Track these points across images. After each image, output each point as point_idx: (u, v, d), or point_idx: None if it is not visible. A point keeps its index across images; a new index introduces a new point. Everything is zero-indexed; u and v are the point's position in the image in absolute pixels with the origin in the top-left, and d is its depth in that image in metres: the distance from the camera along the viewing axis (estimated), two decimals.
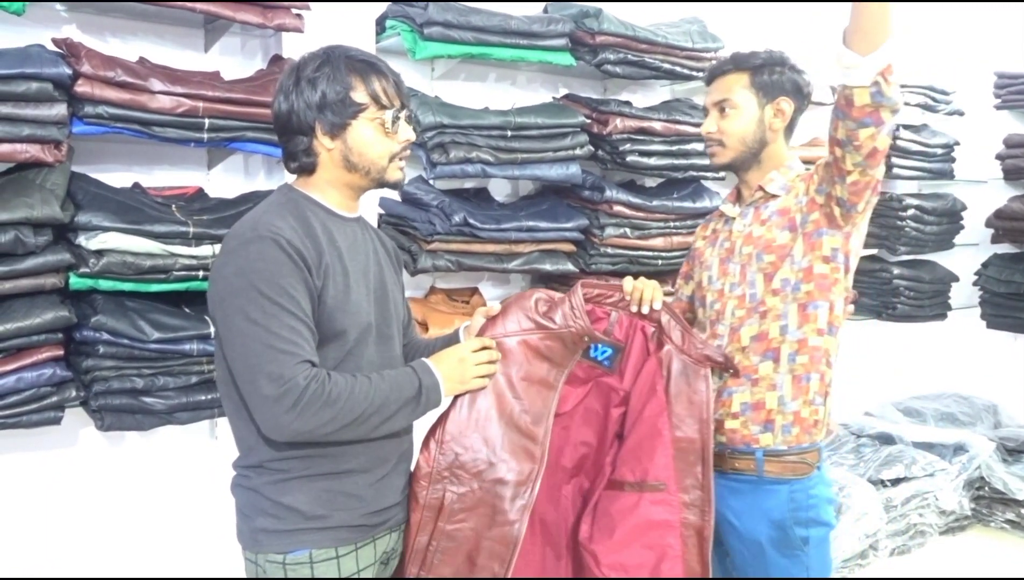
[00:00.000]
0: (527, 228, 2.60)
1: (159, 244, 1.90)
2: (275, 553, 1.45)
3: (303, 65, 1.48)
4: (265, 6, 2.06)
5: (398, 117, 1.49)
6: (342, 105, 1.45)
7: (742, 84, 1.80)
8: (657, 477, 1.63)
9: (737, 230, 1.83)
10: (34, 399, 1.82)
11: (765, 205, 1.81)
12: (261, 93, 2.03)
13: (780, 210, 1.78)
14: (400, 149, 1.51)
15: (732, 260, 1.82)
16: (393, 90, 1.49)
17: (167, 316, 1.95)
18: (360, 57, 1.50)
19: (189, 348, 1.95)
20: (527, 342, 1.63)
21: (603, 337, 1.67)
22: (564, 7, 2.78)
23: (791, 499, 1.75)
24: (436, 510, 1.56)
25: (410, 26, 2.46)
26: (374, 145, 1.48)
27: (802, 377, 1.76)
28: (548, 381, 1.64)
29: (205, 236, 1.96)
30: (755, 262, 1.77)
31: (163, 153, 2.18)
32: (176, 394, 1.98)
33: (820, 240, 1.72)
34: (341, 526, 1.47)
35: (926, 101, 3.94)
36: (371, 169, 1.50)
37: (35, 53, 1.80)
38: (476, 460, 1.57)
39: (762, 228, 1.79)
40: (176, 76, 1.98)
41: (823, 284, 1.73)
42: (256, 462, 1.48)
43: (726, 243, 1.85)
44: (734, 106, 1.80)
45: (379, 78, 1.48)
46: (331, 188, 1.52)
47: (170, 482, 2.24)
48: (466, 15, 2.46)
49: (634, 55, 2.77)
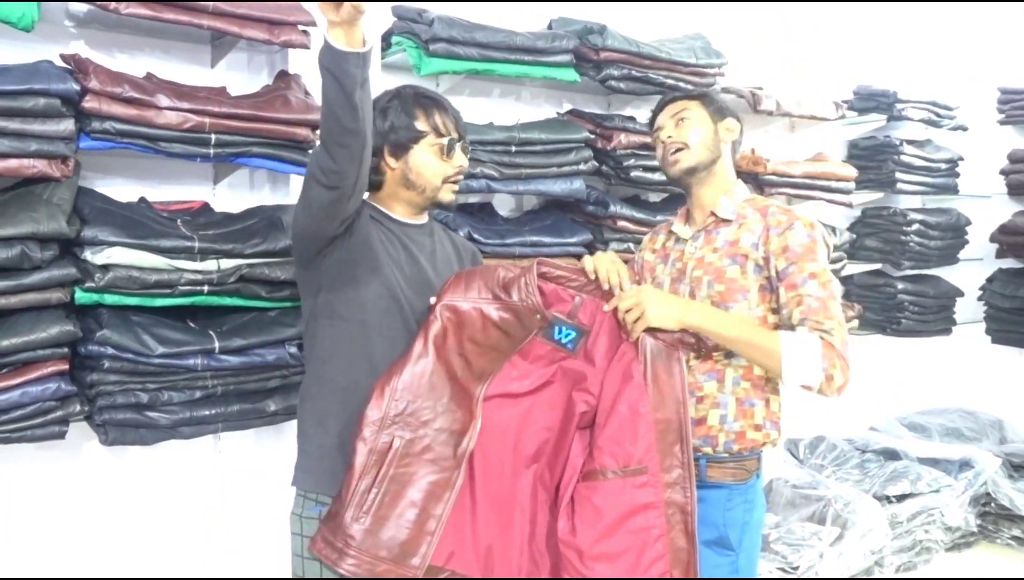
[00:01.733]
0: (531, 243, 2.60)
1: (164, 259, 1.91)
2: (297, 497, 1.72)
3: (377, 99, 1.72)
4: (272, 23, 2.07)
5: (453, 146, 1.73)
6: (406, 131, 1.71)
7: (694, 104, 1.91)
8: (640, 461, 1.66)
9: (688, 252, 1.90)
10: (39, 413, 1.82)
11: (716, 230, 1.87)
12: (267, 109, 2.04)
13: (731, 241, 1.84)
14: (453, 173, 1.75)
15: (682, 281, 1.88)
16: (451, 123, 1.74)
17: (172, 331, 1.95)
18: (426, 94, 1.76)
19: (193, 363, 1.95)
20: (483, 311, 1.69)
21: (559, 316, 1.70)
22: (568, 23, 2.80)
23: (728, 502, 1.83)
24: (383, 454, 1.62)
25: (415, 42, 2.47)
26: (430, 167, 1.73)
27: (744, 401, 1.83)
28: (500, 348, 1.69)
29: (210, 251, 1.96)
30: (705, 288, 1.84)
31: (169, 168, 2.19)
32: (180, 409, 1.97)
33: (773, 295, 1.80)
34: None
35: (930, 116, 3.95)
36: (427, 188, 1.74)
37: (43, 69, 1.81)
38: (424, 409, 1.65)
39: (713, 255, 1.86)
40: (183, 92, 1.99)
41: (774, 327, 1.81)
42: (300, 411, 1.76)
43: (677, 263, 1.91)
44: (690, 116, 1.89)
45: (440, 112, 1.74)
46: (393, 201, 1.77)
47: (174, 497, 2.24)
48: (471, 31, 2.47)
49: (638, 71, 2.78)
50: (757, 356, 1.73)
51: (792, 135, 3.77)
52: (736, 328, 1.74)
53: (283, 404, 2.10)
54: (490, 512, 1.68)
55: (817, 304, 1.72)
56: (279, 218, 2.10)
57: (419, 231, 1.80)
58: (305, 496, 1.72)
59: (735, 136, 1.93)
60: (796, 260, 1.75)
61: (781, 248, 1.77)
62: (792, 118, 3.54)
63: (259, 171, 2.32)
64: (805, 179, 3.41)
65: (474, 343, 1.68)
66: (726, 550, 1.82)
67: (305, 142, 2.10)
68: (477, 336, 1.68)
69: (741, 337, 1.73)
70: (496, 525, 1.68)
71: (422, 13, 2.47)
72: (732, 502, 1.83)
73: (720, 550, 1.82)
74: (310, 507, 1.70)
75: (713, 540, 1.81)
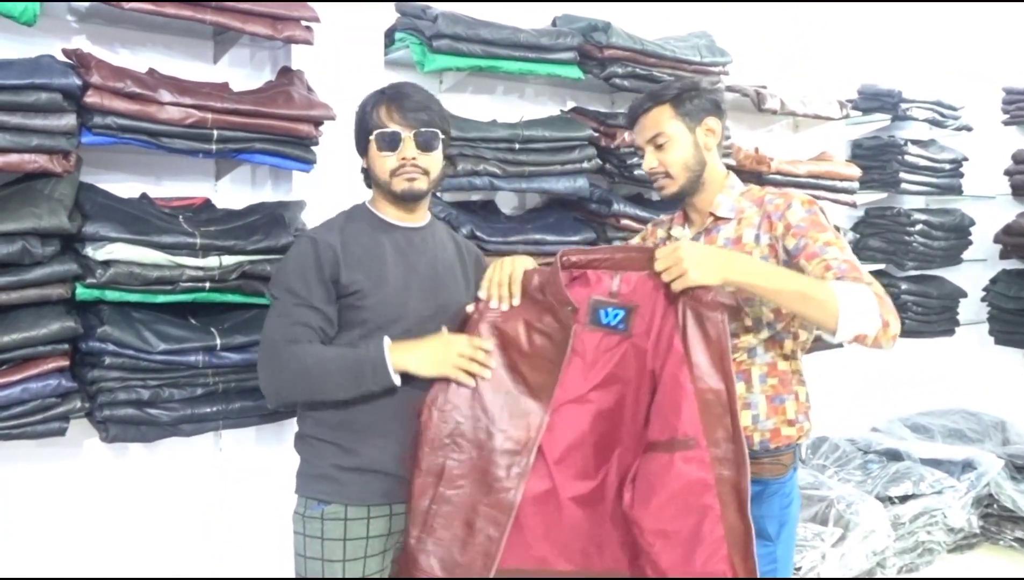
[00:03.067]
0: (534, 241, 2.59)
1: (166, 255, 1.90)
2: (303, 498, 1.73)
3: (366, 98, 1.77)
4: (275, 18, 2.06)
5: (388, 137, 1.70)
6: (363, 131, 1.75)
7: (668, 116, 1.82)
8: (685, 433, 1.60)
9: None
10: (39, 410, 1.81)
11: (716, 228, 1.85)
12: (269, 104, 2.03)
13: (733, 239, 1.82)
14: (397, 165, 1.72)
15: None
16: (398, 114, 1.71)
17: (173, 327, 1.95)
18: (393, 89, 1.76)
19: (195, 359, 1.94)
20: (524, 320, 1.69)
21: (600, 299, 1.68)
22: (573, 21, 2.79)
23: (766, 497, 1.81)
24: (437, 475, 1.63)
25: (419, 39, 2.46)
26: (378, 160, 1.74)
27: (774, 398, 1.82)
28: (549, 356, 1.67)
29: (212, 247, 1.96)
30: None
31: (171, 164, 2.18)
32: (181, 406, 1.96)
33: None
34: (352, 486, 1.68)
35: (934, 116, 3.94)
36: (381, 183, 1.75)
37: (45, 64, 1.80)
38: (476, 429, 1.65)
39: None
40: (185, 87, 1.98)
41: (790, 320, 1.80)
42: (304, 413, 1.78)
43: None
44: (668, 138, 1.82)
45: (388, 104, 1.72)
46: (380, 202, 1.79)
47: (174, 495, 2.23)
48: (475, 28, 2.46)
49: (642, 69, 2.77)
50: (809, 308, 1.60)
51: (796, 134, 3.76)
52: (784, 279, 1.61)
53: None
54: (580, 515, 1.66)
55: (846, 265, 1.64)
56: (281, 215, 2.09)
57: (418, 234, 1.79)
58: (308, 496, 1.72)
59: (717, 137, 1.85)
60: (804, 233, 1.71)
61: (785, 228, 1.74)
62: (796, 117, 3.53)
63: (261, 167, 2.30)
64: (809, 178, 3.39)
65: (523, 356, 1.67)
66: (765, 540, 1.79)
67: (307, 138, 2.09)
68: (524, 348, 1.67)
69: (789, 288, 1.60)
70: (587, 524, 1.67)
71: (426, 9, 2.46)
72: (769, 496, 1.81)
73: (759, 540, 1.76)
74: (312, 506, 1.70)
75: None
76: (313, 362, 1.63)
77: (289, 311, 1.66)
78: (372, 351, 1.64)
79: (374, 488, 1.70)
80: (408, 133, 1.71)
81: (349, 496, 1.69)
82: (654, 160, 1.84)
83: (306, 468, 1.75)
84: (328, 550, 1.68)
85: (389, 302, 1.70)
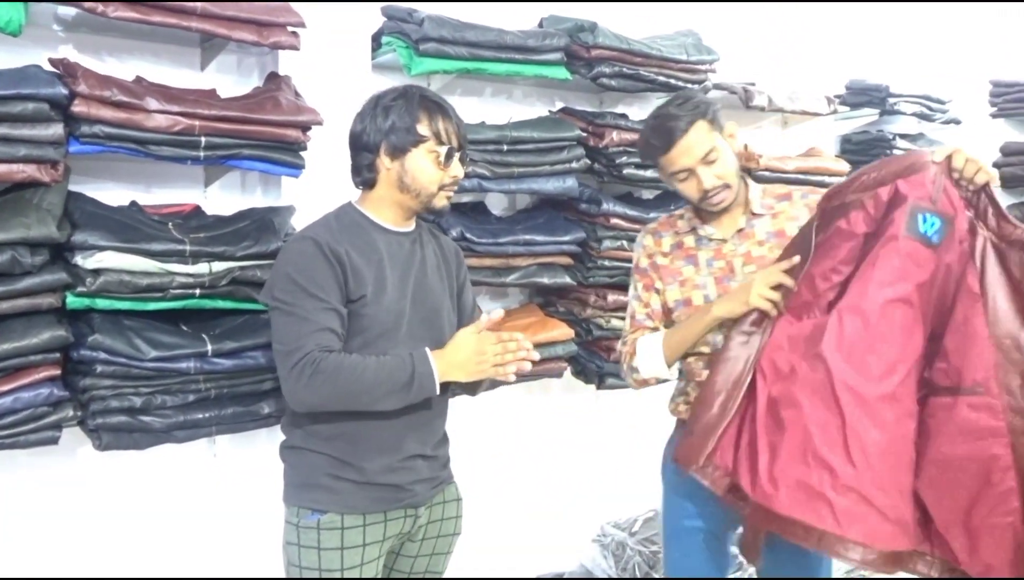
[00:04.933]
0: (524, 242, 2.60)
1: (156, 262, 1.90)
2: (294, 507, 1.70)
3: (383, 95, 1.72)
4: (260, 24, 2.07)
5: (452, 154, 1.71)
6: (406, 133, 1.68)
7: (708, 130, 1.83)
8: (974, 379, 1.49)
9: (729, 250, 1.90)
10: (31, 419, 1.82)
11: (750, 224, 1.90)
12: (257, 110, 2.04)
13: (776, 232, 1.88)
14: (449, 182, 1.73)
15: (732, 279, 1.88)
16: (453, 131, 1.71)
17: (164, 334, 1.95)
18: (432, 98, 1.73)
19: (186, 366, 1.95)
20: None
21: (920, 204, 1.54)
22: (559, 21, 2.79)
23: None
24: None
25: (405, 42, 2.47)
26: (426, 172, 1.70)
27: None
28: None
29: (202, 254, 1.96)
30: None
31: (160, 171, 2.18)
32: (174, 412, 1.97)
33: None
34: (347, 495, 1.67)
35: (922, 110, 3.96)
36: (421, 193, 1.71)
37: (31, 73, 1.81)
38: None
39: (762, 248, 1.88)
40: (172, 94, 1.99)
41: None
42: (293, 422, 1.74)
43: (717, 262, 1.91)
44: (718, 152, 1.83)
45: (444, 118, 1.71)
46: (384, 205, 1.74)
47: (169, 501, 2.23)
48: (461, 31, 2.47)
49: (629, 68, 2.78)
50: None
51: (785, 131, 3.77)
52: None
53: (277, 406, 2.09)
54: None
55: None
56: (270, 220, 2.10)
57: (408, 238, 1.77)
58: (300, 505, 1.70)
59: (736, 138, 1.90)
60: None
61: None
62: (785, 114, 3.54)
63: (250, 173, 2.31)
64: (798, 174, 3.40)
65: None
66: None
67: (296, 143, 2.10)
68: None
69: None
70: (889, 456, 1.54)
71: (412, 13, 2.46)
72: None
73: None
74: (307, 515, 1.68)
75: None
76: (370, 376, 1.58)
77: (313, 315, 1.59)
78: (419, 364, 1.62)
79: (371, 497, 1.68)
80: (461, 153, 1.74)
81: (345, 505, 1.67)
82: (712, 177, 1.83)
83: (297, 477, 1.73)
84: (325, 560, 1.66)
85: (390, 309, 1.67)
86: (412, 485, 1.72)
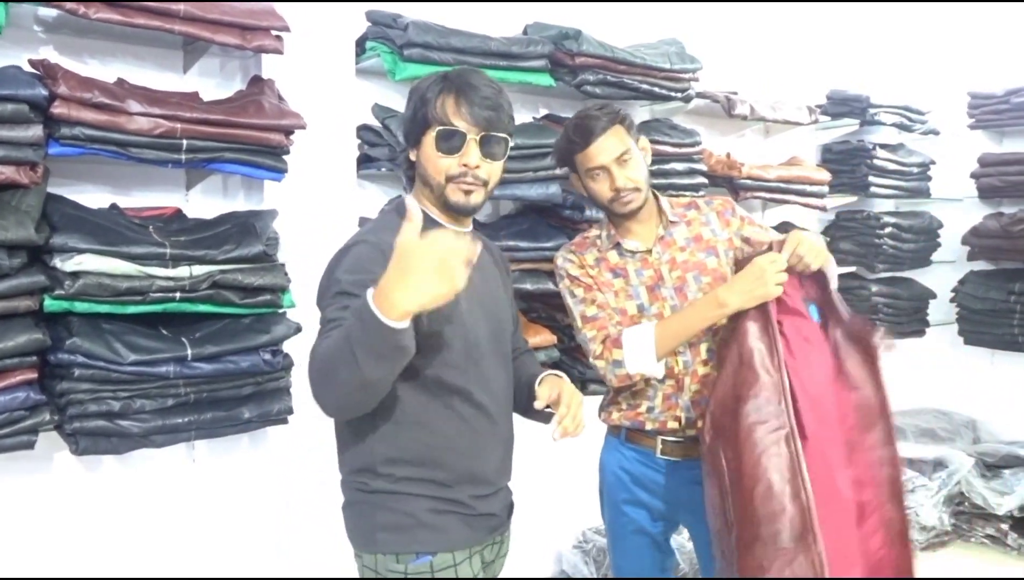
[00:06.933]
0: (508, 248, 2.60)
1: (136, 265, 1.89)
2: (392, 555, 1.49)
3: (422, 80, 1.56)
4: (244, 27, 2.06)
5: (451, 137, 1.48)
6: (420, 117, 1.51)
7: (624, 134, 1.96)
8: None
9: (654, 260, 2.00)
10: (7, 423, 1.79)
11: (669, 232, 2.02)
12: (240, 114, 2.03)
13: (694, 237, 2.03)
14: (458, 173, 1.50)
15: (662, 286, 1.99)
16: (466, 111, 1.48)
17: (144, 338, 1.93)
18: (460, 79, 1.51)
19: (166, 370, 1.93)
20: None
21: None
22: (544, 29, 2.80)
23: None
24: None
25: (390, 48, 2.47)
26: (432, 161, 1.52)
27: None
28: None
29: (182, 257, 1.95)
30: (693, 283, 1.98)
31: (141, 174, 2.17)
32: (152, 417, 1.95)
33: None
34: (455, 530, 1.52)
35: (902, 121, 4.00)
36: (434, 186, 1.53)
37: (11, 74, 1.79)
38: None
39: (684, 253, 2.01)
40: (154, 97, 1.97)
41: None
42: (366, 466, 1.52)
43: (647, 271, 2.00)
44: (632, 154, 1.95)
45: (459, 98, 1.48)
46: (426, 201, 1.57)
47: (148, 507, 2.21)
48: (446, 36, 2.47)
49: (613, 76, 2.79)
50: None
51: (767, 140, 3.81)
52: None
53: (257, 411, 2.08)
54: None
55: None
56: (252, 224, 2.09)
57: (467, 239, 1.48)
58: (399, 552, 1.49)
59: (648, 152, 2.04)
60: (750, 221, 2.08)
61: (741, 219, 2.06)
62: (767, 123, 3.57)
63: (233, 177, 2.30)
64: (779, 183, 3.44)
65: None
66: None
67: (278, 147, 2.09)
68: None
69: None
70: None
71: (397, 18, 2.46)
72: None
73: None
74: (412, 560, 1.48)
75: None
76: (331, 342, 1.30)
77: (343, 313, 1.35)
78: (360, 306, 1.24)
79: (474, 527, 1.55)
80: (474, 135, 1.49)
81: (452, 541, 1.50)
82: (624, 178, 1.93)
83: (386, 520, 1.50)
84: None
85: (458, 324, 1.49)
86: (501, 511, 1.64)
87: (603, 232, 2.06)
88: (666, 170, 2.94)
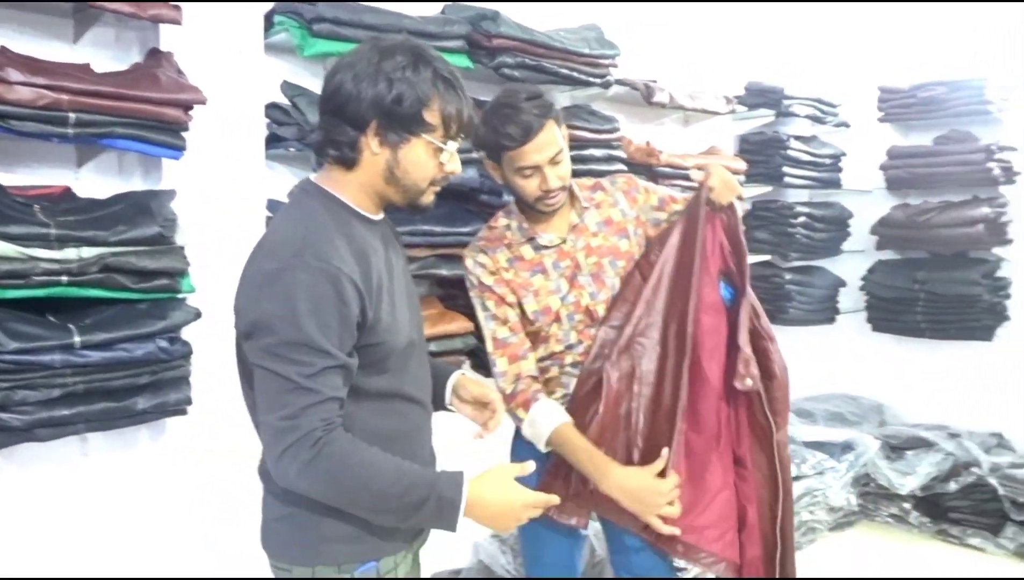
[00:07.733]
0: (422, 232, 2.55)
1: (15, 246, 1.75)
2: (334, 566, 1.41)
3: (387, 52, 1.36)
4: None
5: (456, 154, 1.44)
6: (410, 118, 1.37)
7: (555, 129, 1.86)
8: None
9: (570, 248, 1.97)
10: None
11: (582, 219, 1.98)
12: (133, 87, 1.91)
13: (604, 221, 2.00)
14: (441, 178, 1.46)
15: (580, 273, 1.95)
16: (466, 120, 1.42)
17: (26, 324, 1.81)
18: (446, 73, 1.40)
19: (50, 359, 1.81)
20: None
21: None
22: (462, 9, 2.75)
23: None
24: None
25: (299, 22, 2.37)
26: (422, 168, 1.41)
27: None
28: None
29: (69, 238, 1.82)
30: (610, 268, 1.97)
31: (26, 150, 2.02)
32: (36, 409, 1.82)
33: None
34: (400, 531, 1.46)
35: (815, 113, 4.10)
36: (409, 189, 1.43)
37: None
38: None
39: (597, 239, 1.98)
40: (38, 66, 1.84)
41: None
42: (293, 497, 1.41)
43: (563, 262, 1.96)
44: (563, 153, 1.88)
45: (457, 103, 1.40)
46: (361, 192, 1.43)
47: (38, 504, 2.08)
48: (358, 13, 2.39)
49: (532, 59, 2.76)
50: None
51: (686, 129, 3.84)
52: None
53: (153, 402, 1.97)
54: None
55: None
56: (148, 204, 1.97)
57: (381, 228, 1.50)
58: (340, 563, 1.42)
59: (567, 140, 1.95)
60: (655, 190, 2.08)
61: (646, 191, 2.06)
62: (686, 112, 3.60)
63: (128, 155, 2.17)
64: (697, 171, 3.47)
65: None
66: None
67: (176, 123, 1.98)
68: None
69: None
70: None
71: None
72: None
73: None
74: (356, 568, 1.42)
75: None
76: (382, 485, 1.31)
77: (316, 377, 1.27)
78: (446, 488, 1.34)
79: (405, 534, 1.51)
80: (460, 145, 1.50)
81: (392, 543, 1.46)
82: (556, 178, 1.86)
83: (332, 529, 1.40)
84: None
85: (400, 329, 1.42)
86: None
87: (512, 222, 1.98)
88: (584, 156, 2.92)
